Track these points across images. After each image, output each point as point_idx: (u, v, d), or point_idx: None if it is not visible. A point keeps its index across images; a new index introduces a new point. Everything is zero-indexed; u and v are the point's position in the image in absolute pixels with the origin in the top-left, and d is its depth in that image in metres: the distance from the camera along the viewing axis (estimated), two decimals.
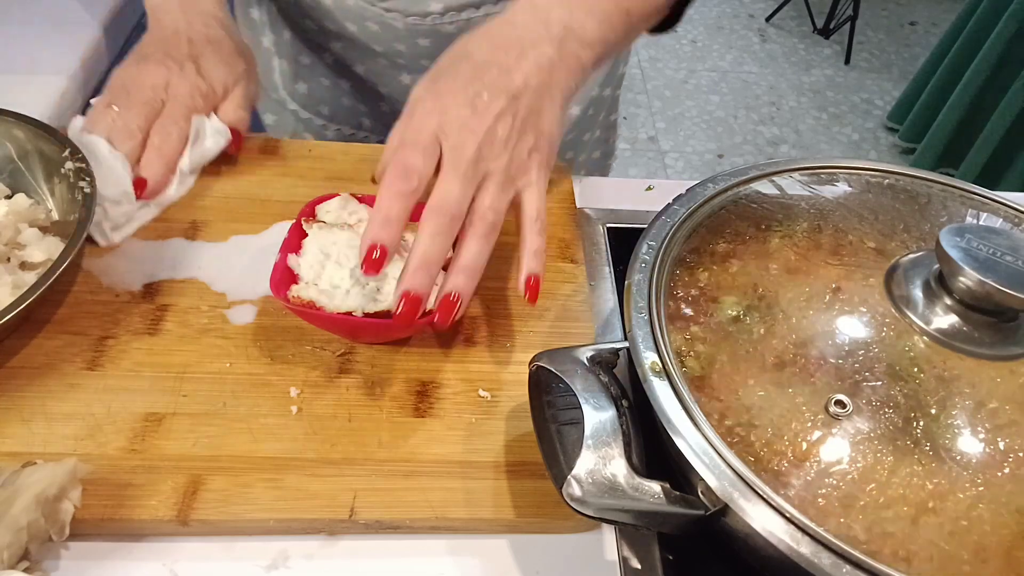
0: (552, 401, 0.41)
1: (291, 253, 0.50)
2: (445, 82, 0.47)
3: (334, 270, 0.49)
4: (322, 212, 0.53)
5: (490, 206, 0.46)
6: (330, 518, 0.43)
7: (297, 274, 0.50)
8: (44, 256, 0.51)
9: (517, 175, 0.47)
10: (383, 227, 0.43)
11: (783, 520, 0.34)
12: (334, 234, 0.50)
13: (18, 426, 0.45)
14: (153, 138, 0.57)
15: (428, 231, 0.44)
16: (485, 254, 0.46)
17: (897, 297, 0.42)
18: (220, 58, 0.61)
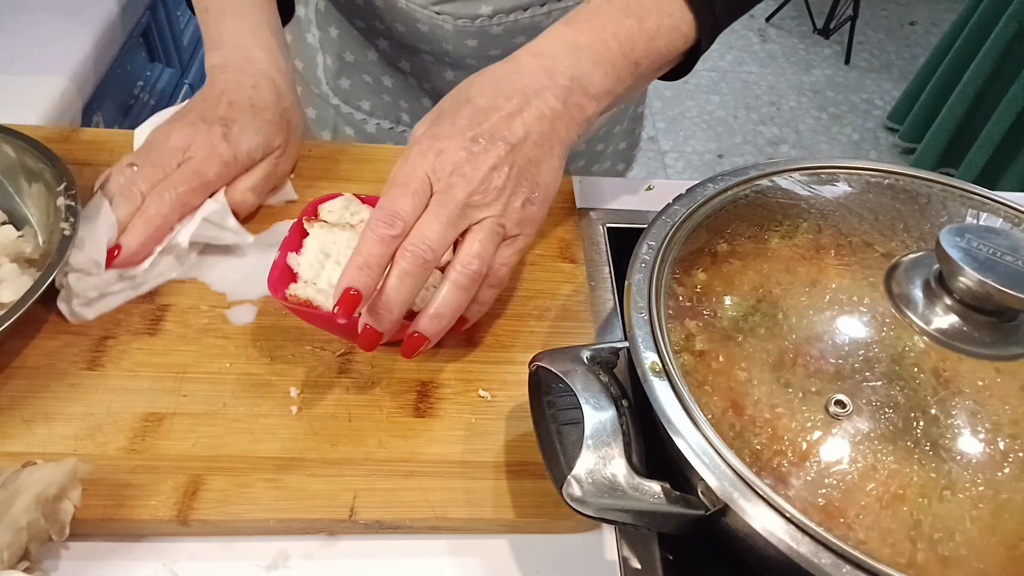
0: (552, 401, 0.41)
1: (291, 252, 0.50)
2: (444, 125, 0.46)
3: (333, 270, 0.49)
4: (324, 212, 0.52)
5: (476, 254, 0.45)
6: (330, 518, 0.43)
7: (296, 273, 0.49)
8: (13, 297, 0.48)
9: (509, 226, 0.47)
10: (361, 270, 0.42)
11: (783, 520, 0.34)
12: (335, 234, 0.50)
13: (18, 426, 0.45)
14: (147, 202, 0.52)
15: (397, 271, 0.43)
16: (460, 304, 0.46)
17: (897, 297, 0.42)
18: (256, 126, 0.55)
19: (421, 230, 0.44)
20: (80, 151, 0.62)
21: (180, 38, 1.20)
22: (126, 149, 0.62)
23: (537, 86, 0.47)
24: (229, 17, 0.58)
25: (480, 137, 0.45)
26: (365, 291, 0.42)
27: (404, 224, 0.43)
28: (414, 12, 0.70)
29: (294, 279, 0.49)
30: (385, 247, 0.43)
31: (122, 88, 1.01)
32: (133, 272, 0.52)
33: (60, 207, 0.51)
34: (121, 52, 0.96)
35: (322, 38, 0.79)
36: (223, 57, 0.57)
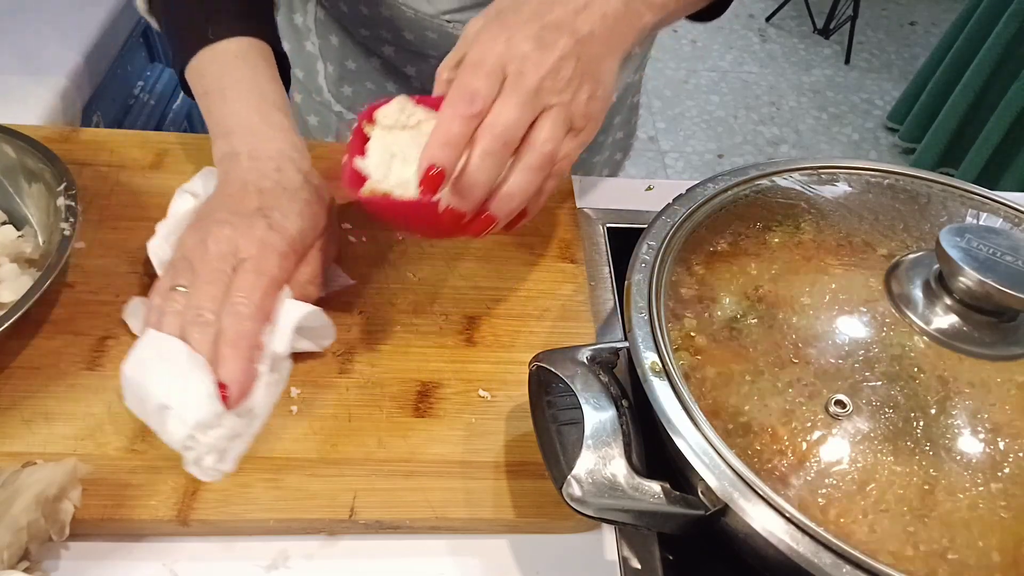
0: (552, 401, 0.41)
1: (356, 156, 0.48)
2: (509, 16, 0.46)
3: (402, 167, 0.48)
4: (381, 117, 0.50)
5: (548, 138, 0.44)
6: (330, 518, 0.43)
7: (365, 175, 0.48)
8: (13, 297, 0.48)
9: (575, 118, 0.46)
10: (443, 148, 0.42)
11: (783, 520, 0.34)
12: (396, 135, 0.49)
13: (18, 426, 0.45)
14: (224, 325, 0.45)
15: (479, 150, 0.43)
16: (532, 187, 0.45)
17: (897, 297, 0.42)
18: (298, 209, 0.50)
19: (499, 111, 0.43)
20: (80, 151, 0.62)
21: None
22: (126, 149, 0.62)
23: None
24: (232, 100, 0.53)
25: (547, 28, 0.45)
26: (448, 168, 0.42)
27: (483, 103, 0.43)
28: (423, 21, 0.70)
29: (363, 182, 0.48)
30: (465, 125, 0.43)
31: (122, 88, 1.01)
32: (250, 404, 0.46)
33: (60, 207, 0.51)
34: (121, 52, 0.96)
35: (322, 46, 0.79)
36: (233, 145, 0.52)
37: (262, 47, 0.55)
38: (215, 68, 0.54)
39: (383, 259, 0.57)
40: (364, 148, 0.49)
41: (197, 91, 0.55)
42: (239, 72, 0.54)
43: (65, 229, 0.50)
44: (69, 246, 0.49)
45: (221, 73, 0.54)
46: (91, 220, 0.57)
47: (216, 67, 0.54)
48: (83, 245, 0.55)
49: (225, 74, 0.53)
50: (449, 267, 0.57)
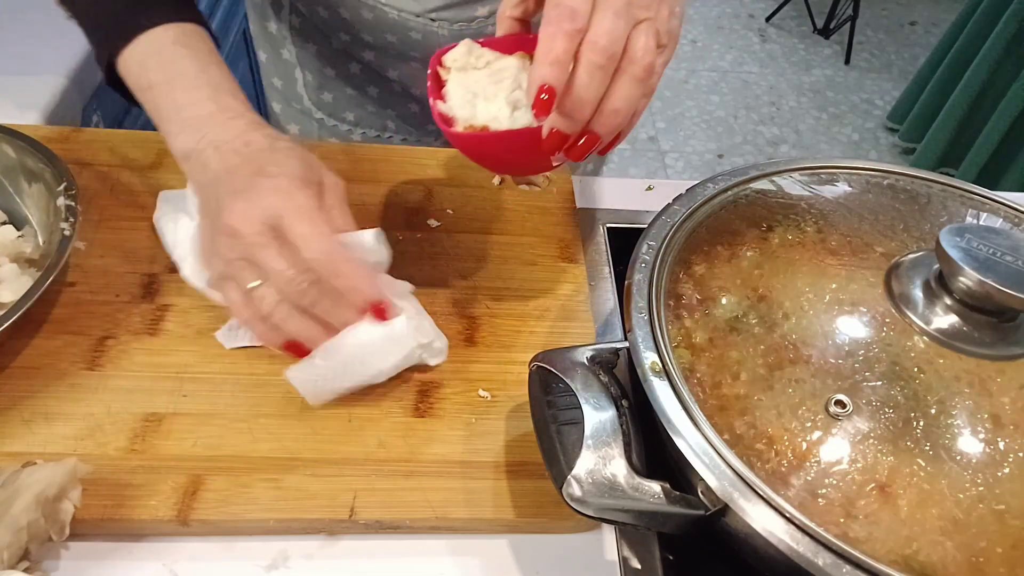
0: (552, 401, 0.41)
1: (438, 101, 0.49)
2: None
3: (485, 106, 0.48)
4: (449, 62, 0.51)
5: (646, 49, 0.44)
6: (330, 518, 0.43)
7: (452, 117, 0.48)
8: (13, 297, 0.48)
9: (662, 34, 0.45)
10: (552, 66, 0.42)
11: (783, 520, 0.34)
12: (471, 75, 0.50)
13: (18, 426, 0.45)
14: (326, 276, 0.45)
15: (586, 66, 0.42)
16: (635, 100, 0.44)
17: (897, 297, 0.42)
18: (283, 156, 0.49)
19: (599, 25, 0.42)
20: (80, 151, 0.62)
21: None
22: (126, 149, 0.63)
23: None
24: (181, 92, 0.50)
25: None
26: (558, 87, 0.42)
27: (583, 17, 0.42)
28: (407, 21, 0.69)
29: (452, 124, 0.48)
30: (570, 42, 0.42)
31: None
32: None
33: (60, 207, 0.51)
34: None
35: (299, 54, 0.78)
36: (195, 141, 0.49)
37: (198, 31, 0.53)
38: (155, 59, 0.50)
39: None
40: (441, 92, 0.50)
41: (137, 85, 0.51)
42: (183, 61, 0.51)
43: (65, 229, 0.50)
44: (69, 246, 0.49)
45: (163, 64, 0.50)
46: (91, 220, 0.57)
47: (156, 58, 0.50)
48: (83, 245, 0.55)
49: (168, 64, 0.50)
50: (449, 267, 0.57)
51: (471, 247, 0.59)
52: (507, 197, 0.63)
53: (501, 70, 0.49)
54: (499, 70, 0.49)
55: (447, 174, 0.64)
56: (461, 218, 0.61)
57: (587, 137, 0.45)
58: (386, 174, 0.64)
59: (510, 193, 0.64)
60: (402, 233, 0.59)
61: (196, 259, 0.50)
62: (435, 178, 0.64)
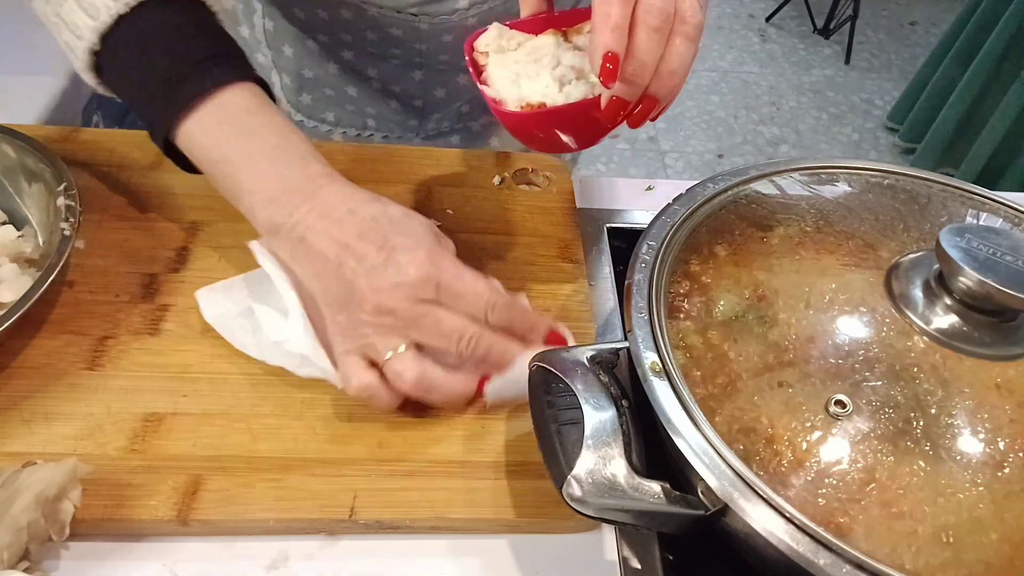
0: (552, 401, 0.41)
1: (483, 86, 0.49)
2: None
3: (530, 84, 0.48)
4: (482, 46, 0.51)
5: (692, 6, 0.44)
6: (330, 518, 0.43)
7: (500, 100, 0.48)
8: (13, 297, 0.47)
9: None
10: (613, 32, 0.42)
11: (783, 520, 0.34)
12: (508, 56, 0.50)
13: (18, 426, 0.45)
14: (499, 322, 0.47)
15: (645, 29, 0.42)
16: (690, 58, 0.45)
17: (897, 297, 0.42)
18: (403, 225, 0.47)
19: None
20: (80, 151, 0.62)
21: None
22: (126, 149, 0.62)
23: None
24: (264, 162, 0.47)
25: None
26: (621, 52, 0.42)
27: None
28: (389, 18, 0.69)
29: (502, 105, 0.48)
30: (627, 7, 0.42)
31: None
32: None
33: (60, 207, 0.51)
34: None
35: (275, 57, 0.78)
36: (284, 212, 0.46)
37: (261, 93, 0.49)
38: (227, 128, 0.47)
39: None
40: (483, 78, 0.50)
41: (208, 159, 0.48)
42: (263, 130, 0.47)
43: (65, 229, 0.50)
44: (69, 246, 0.49)
45: (235, 133, 0.47)
46: (91, 220, 0.57)
47: (227, 127, 0.47)
48: (83, 245, 0.55)
49: (241, 133, 0.47)
50: None
51: (471, 247, 0.59)
52: (507, 197, 0.63)
53: (537, 48, 0.49)
54: (535, 48, 0.49)
55: (447, 174, 0.64)
56: (461, 218, 0.61)
57: (646, 101, 0.45)
58: (386, 174, 0.64)
59: (510, 193, 0.64)
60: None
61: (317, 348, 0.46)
62: (435, 178, 0.64)
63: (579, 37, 0.51)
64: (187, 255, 0.56)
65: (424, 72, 0.76)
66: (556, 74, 0.48)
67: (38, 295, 0.46)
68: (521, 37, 0.51)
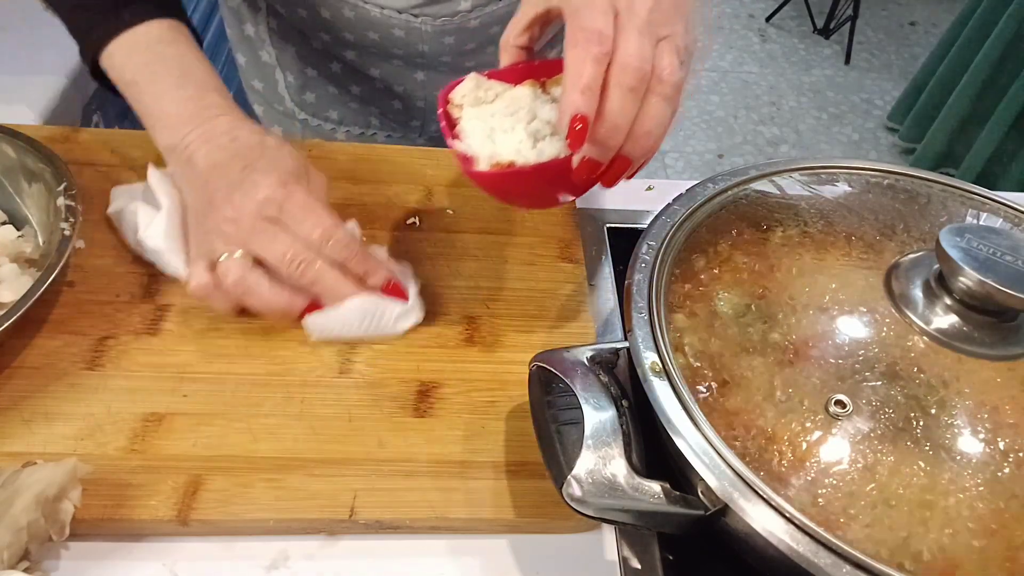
0: (552, 401, 0.41)
1: (455, 141, 0.48)
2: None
3: (506, 138, 0.46)
4: (458, 98, 0.50)
5: (673, 66, 0.43)
6: (330, 518, 0.43)
7: (472, 156, 0.47)
8: (13, 297, 0.48)
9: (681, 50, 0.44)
10: (583, 93, 0.40)
11: (783, 520, 0.34)
12: (484, 109, 0.48)
13: (18, 426, 0.45)
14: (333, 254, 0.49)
15: (619, 90, 0.41)
16: (667, 119, 0.43)
17: (897, 297, 0.42)
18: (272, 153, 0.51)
19: (627, 46, 0.41)
20: (80, 151, 0.62)
21: None
22: (126, 149, 0.62)
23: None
24: (165, 88, 0.51)
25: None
26: (591, 115, 0.41)
27: (610, 41, 0.41)
28: (390, 19, 0.69)
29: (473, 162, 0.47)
30: (599, 66, 0.41)
31: None
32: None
33: (60, 207, 0.51)
34: None
35: (279, 56, 0.78)
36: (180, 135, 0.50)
37: (180, 27, 0.54)
38: (138, 56, 0.52)
39: None
40: (455, 132, 0.48)
41: (122, 80, 0.52)
42: (166, 59, 0.52)
43: (65, 229, 0.50)
44: (69, 246, 0.49)
45: (146, 60, 0.52)
46: (91, 220, 0.57)
47: (139, 55, 0.52)
48: (83, 245, 0.55)
49: (151, 61, 0.52)
50: (449, 267, 0.57)
51: (471, 247, 0.59)
52: None
53: (514, 100, 0.48)
54: (512, 101, 0.48)
55: (447, 174, 0.64)
56: (461, 218, 0.61)
57: (619, 162, 0.44)
58: (386, 174, 0.64)
59: None
60: (402, 233, 0.59)
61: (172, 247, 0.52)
62: (435, 178, 0.64)
63: (557, 88, 0.48)
64: None
65: (426, 73, 0.77)
66: (531, 129, 0.46)
67: (38, 295, 0.46)
68: (499, 87, 0.49)
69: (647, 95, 0.43)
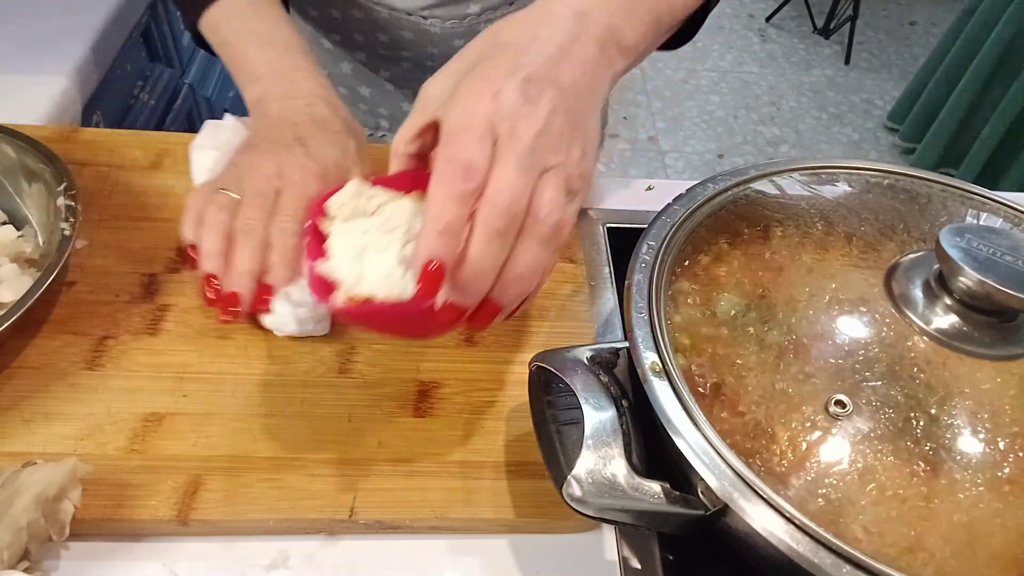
0: (552, 401, 0.41)
1: (317, 260, 0.42)
2: (487, 68, 0.41)
3: (377, 261, 0.41)
4: (334, 208, 0.44)
5: (554, 205, 0.39)
6: (330, 518, 0.43)
7: (334, 281, 0.41)
8: (13, 297, 0.48)
9: (572, 179, 0.41)
10: (441, 237, 0.36)
11: (783, 520, 0.34)
12: (360, 224, 0.43)
13: (18, 426, 0.45)
14: (272, 238, 0.48)
15: (485, 232, 0.37)
16: (543, 264, 0.40)
17: (897, 297, 0.42)
18: (328, 138, 0.53)
19: (499, 179, 0.37)
20: (80, 151, 0.62)
21: (180, 38, 1.20)
22: (126, 149, 0.63)
23: (575, 31, 0.42)
24: (254, 47, 0.56)
25: (530, 81, 0.40)
26: (449, 260, 0.37)
27: (479, 175, 0.37)
28: (399, 20, 0.69)
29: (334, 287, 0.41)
30: (463, 205, 0.37)
31: (122, 88, 1.01)
32: None
33: (60, 207, 0.51)
34: (121, 52, 0.96)
35: None
36: (264, 90, 0.54)
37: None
38: (232, 20, 0.56)
39: None
40: (324, 248, 0.42)
41: (216, 42, 0.57)
42: (256, 20, 0.56)
43: (65, 229, 0.50)
44: (69, 246, 0.49)
45: (239, 23, 0.56)
46: (91, 220, 0.57)
47: (232, 18, 0.56)
48: (83, 244, 0.55)
49: (243, 24, 0.56)
50: None
51: None
52: None
53: (393, 215, 0.43)
54: (391, 216, 0.43)
55: None
56: None
57: (488, 307, 0.40)
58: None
59: None
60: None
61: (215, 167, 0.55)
62: None
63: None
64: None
65: None
66: (404, 253, 0.41)
67: (38, 295, 0.46)
68: (383, 196, 0.44)
69: (521, 236, 0.39)
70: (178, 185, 0.60)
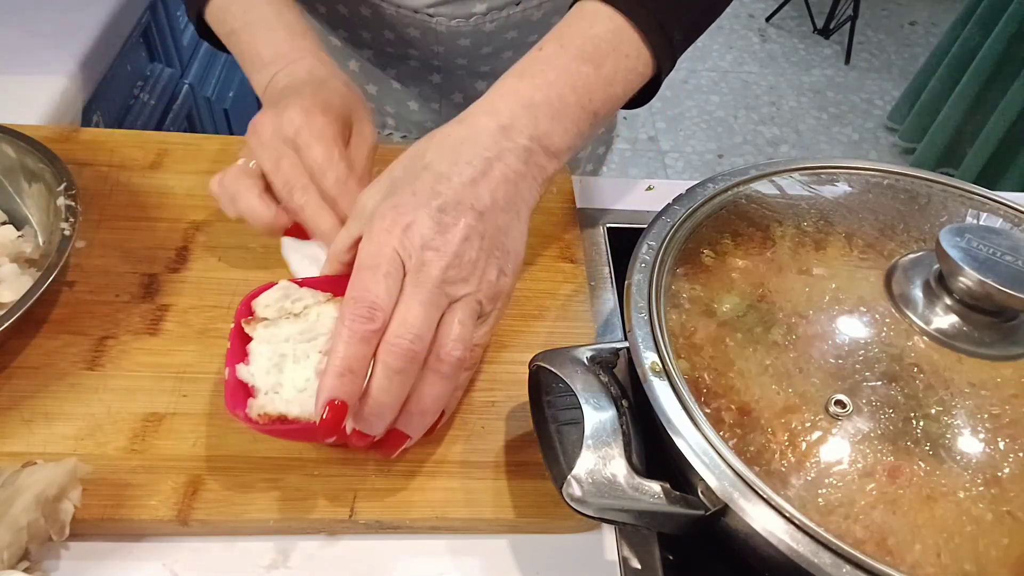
0: (552, 401, 0.41)
1: (239, 364, 0.42)
2: (404, 195, 0.42)
3: (295, 371, 0.42)
4: (261, 308, 0.45)
5: (458, 337, 0.41)
6: (330, 518, 0.43)
7: (252, 386, 0.42)
8: (13, 297, 0.48)
9: (485, 303, 0.43)
10: (342, 377, 0.37)
11: (783, 520, 0.34)
12: (283, 328, 0.43)
13: (18, 426, 0.45)
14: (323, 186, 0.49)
15: (384, 370, 0.38)
16: (446, 395, 0.42)
17: (897, 297, 0.42)
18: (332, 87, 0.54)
19: (402, 318, 0.39)
20: (80, 151, 0.62)
21: (180, 38, 1.20)
22: (126, 149, 0.63)
23: (498, 148, 0.44)
24: (261, 33, 0.56)
25: (447, 206, 0.41)
26: (351, 399, 0.38)
27: (383, 314, 0.39)
28: (405, 17, 0.70)
29: (252, 394, 0.42)
30: (366, 345, 0.38)
31: (122, 88, 1.01)
32: None
33: (60, 207, 0.51)
34: (121, 52, 0.96)
35: None
36: (271, 73, 0.55)
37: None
38: (235, 7, 0.57)
39: None
40: (246, 350, 0.43)
41: (222, 31, 0.58)
42: (259, 7, 0.56)
43: (65, 229, 0.50)
44: (69, 246, 0.49)
45: (242, 11, 0.56)
46: (91, 220, 0.57)
47: (236, 6, 0.57)
48: (83, 244, 0.55)
49: (246, 11, 0.56)
50: None
51: None
52: None
53: (317, 321, 0.43)
54: (315, 323, 0.43)
55: None
56: None
57: (394, 435, 0.42)
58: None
59: None
60: None
61: None
62: None
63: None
64: (187, 255, 0.56)
65: (442, 76, 0.77)
66: (322, 365, 0.41)
67: (38, 295, 0.46)
68: (311, 299, 0.45)
69: (424, 371, 0.40)
70: (178, 185, 0.60)
